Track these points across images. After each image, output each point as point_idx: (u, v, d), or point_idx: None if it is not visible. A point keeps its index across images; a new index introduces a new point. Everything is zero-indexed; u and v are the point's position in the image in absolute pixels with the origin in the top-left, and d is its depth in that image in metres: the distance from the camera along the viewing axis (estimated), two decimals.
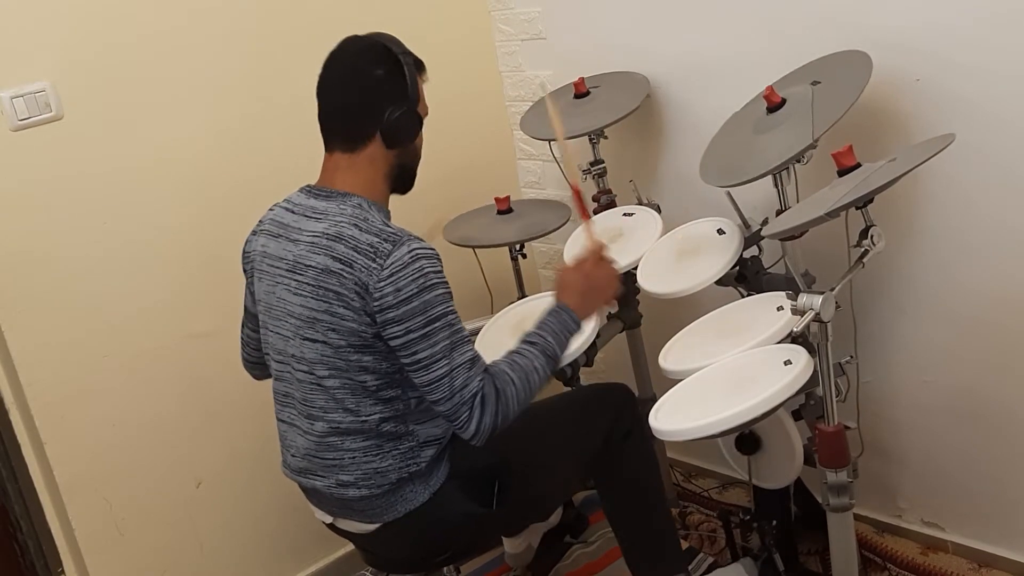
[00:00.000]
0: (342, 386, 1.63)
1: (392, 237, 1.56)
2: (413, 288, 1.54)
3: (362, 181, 1.66)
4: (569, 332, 1.70)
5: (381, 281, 1.53)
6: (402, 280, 1.53)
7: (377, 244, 1.56)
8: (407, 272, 1.54)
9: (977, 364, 1.98)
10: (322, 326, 1.61)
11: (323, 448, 1.69)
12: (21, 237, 1.95)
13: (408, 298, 1.54)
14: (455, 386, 1.55)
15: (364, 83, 1.64)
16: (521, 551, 2.33)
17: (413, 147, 1.72)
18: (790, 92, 1.85)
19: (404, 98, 1.65)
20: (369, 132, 1.64)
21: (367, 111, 1.64)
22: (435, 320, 1.55)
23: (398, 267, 1.54)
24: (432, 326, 1.55)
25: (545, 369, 1.65)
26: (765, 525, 2.05)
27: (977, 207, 1.87)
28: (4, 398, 2.01)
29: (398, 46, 1.66)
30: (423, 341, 1.55)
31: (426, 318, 1.55)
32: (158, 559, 2.20)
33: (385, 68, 1.64)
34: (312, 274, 1.61)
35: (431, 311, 1.55)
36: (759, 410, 1.53)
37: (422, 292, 1.54)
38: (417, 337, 1.55)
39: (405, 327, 1.55)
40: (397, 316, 1.54)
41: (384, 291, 1.53)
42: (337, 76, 1.66)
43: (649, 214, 2.19)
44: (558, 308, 1.71)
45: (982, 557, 2.11)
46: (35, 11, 1.92)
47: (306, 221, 1.66)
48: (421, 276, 1.54)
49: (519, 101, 2.69)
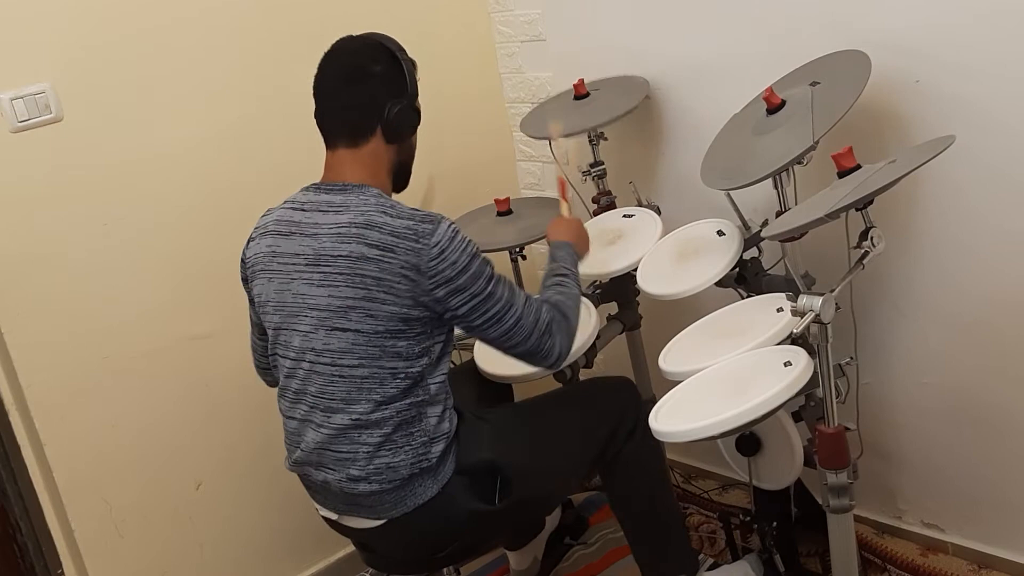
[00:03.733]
0: (371, 375, 1.65)
1: (427, 218, 1.63)
2: (464, 259, 1.62)
3: (370, 174, 1.70)
4: (576, 261, 1.90)
5: (432, 260, 1.60)
6: (453, 254, 1.61)
7: (415, 227, 1.61)
8: (453, 246, 1.62)
9: (976, 366, 1.98)
10: (357, 313, 1.63)
11: (339, 441, 1.69)
12: (21, 238, 1.95)
13: (465, 267, 1.62)
14: (529, 323, 1.68)
15: (364, 79, 1.68)
16: (527, 566, 2.32)
17: (410, 143, 1.77)
18: (789, 93, 1.85)
19: (403, 92, 1.70)
20: (371, 127, 1.69)
21: (369, 106, 1.68)
22: (491, 278, 1.66)
23: (445, 243, 1.61)
24: (491, 284, 1.66)
25: (578, 294, 1.83)
26: (765, 526, 2.05)
27: (977, 209, 1.87)
28: (4, 399, 2.01)
29: (393, 43, 1.72)
30: (490, 299, 1.65)
31: (484, 280, 1.65)
32: (158, 560, 2.20)
33: (383, 64, 1.69)
34: (344, 263, 1.63)
35: (484, 272, 1.65)
36: (759, 411, 1.53)
37: (473, 259, 1.64)
38: (484, 298, 1.65)
39: (470, 292, 1.63)
40: (460, 285, 1.62)
41: (439, 268, 1.60)
42: (336, 74, 1.71)
43: (649, 215, 2.19)
44: (560, 243, 1.90)
45: (982, 558, 2.11)
46: (35, 12, 1.92)
47: (323, 215, 1.67)
48: (466, 245, 1.64)
49: (519, 102, 2.70)
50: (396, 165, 1.74)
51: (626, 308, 2.30)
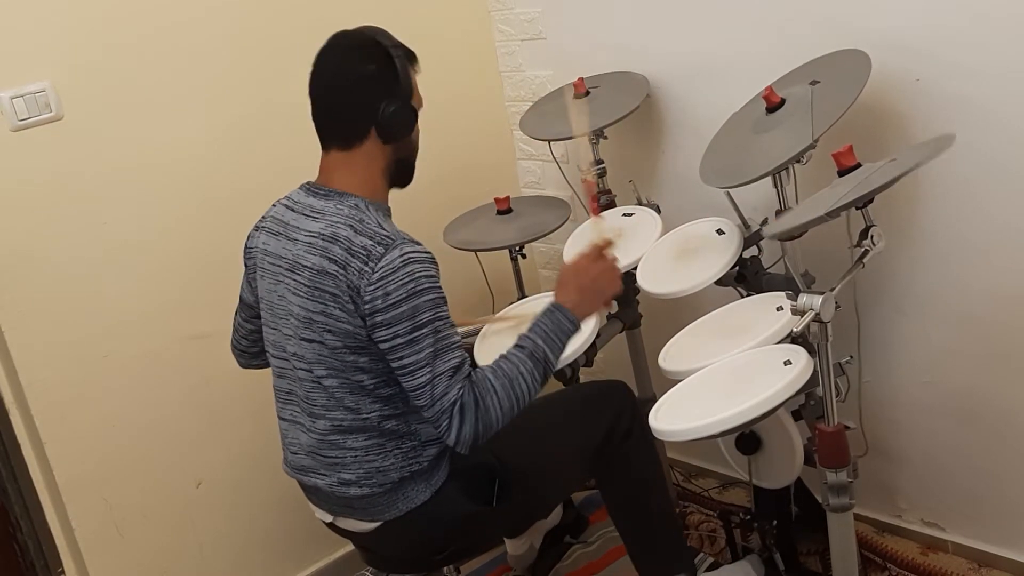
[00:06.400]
0: (340, 385, 1.63)
1: (385, 240, 1.55)
2: (402, 293, 1.53)
3: (360, 179, 1.65)
4: (564, 333, 1.64)
5: (371, 285, 1.53)
6: (391, 284, 1.52)
7: (370, 247, 1.55)
8: (397, 276, 1.53)
9: (977, 364, 1.98)
10: (318, 327, 1.61)
11: (325, 446, 1.69)
12: (21, 237, 1.95)
13: (396, 303, 1.53)
14: (435, 394, 1.54)
15: (356, 80, 1.62)
16: (523, 552, 2.33)
17: (410, 140, 1.70)
18: (789, 92, 1.85)
19: (397, 92, 1.62)
20: (364, 129, 1.63)
21: (361, 108, 1.62)
22: (421, 326, 1.54)
23: (388, 271, 1.53)
24: (418, 332, 1.54)
25: (534, 374, 1.59)
26: (765, 525, 2.05)
27: (977, 207, 1.87)
28: (4, 398, 2.01)
29: (388, 38, 1.64)
30: (408, 347, 1.54)
31: (412, 324, 1.53)
32: (158, 559, 2.20)
33: (376, 63, 1.61)
34: (308, 275, 1.60)
35: (418, 317, 1.54)
36: (759, 410, 1.53)
37: (411, 297, 1.53)
38: (403, 343, 1.54)
39: (392, 331, 1.54)
40: (385, 320, 1.54)
41: (374, 295, 1.53)
42: (329, 74, 1.65)
43: (648, 214, 2.19)
44: (553, 307, 1.65)
45: (982, 557, 2.11)
46: (35, 11, 1.92)
47: (304, 220, 1.65)
48: (411, 280, 1.53)
49: (519, 101, 2.69)
50: (394, 164, 1.68)
51: (626, 307, 2.30)
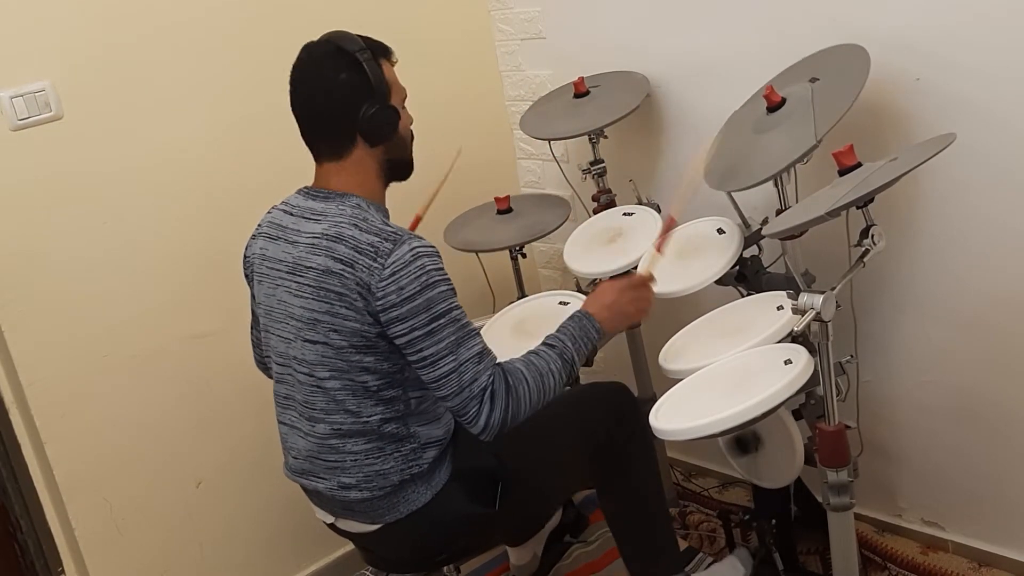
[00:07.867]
0: (343, 387, 1.63)
1: (392, 236, 1.57)
2: (416, 286, 1.54)
3: (356, 183, 1.66)
4: (590, 340, 1.71)
5: (383, 281, 1.54)
6: (404, 279, 1.54)
7: (378, 244, 1.56)
8: (409, 270, 1.54)
9: (977, 364, 1.98)
10: (323, 327, 1.61)
11: (325, 450, 1.69)
12: (21, 237, 1.95)
13: (411, 296, 1.54)
14: (463, 381, 1.56)
15: (329, 92, 1.61)
16: (527, 561, 2.32)
17: (398, 138, 1.69)
18: (789, 91, 1.84)
19: (372, 95, 1.61)
20: (350, 137, 1.63)
21: (341, 119, 1.62)
22: (439, 317, 1.55)
23: (399, 266, 1.54)
24: (436, 323, 1.55)
25: (561, 373, 1.65)
26: (765, 524, 2.05)
27: (977, 207, 1.87)
28: (4, 398, 2.01)
29: (353, 43, 1.62)
30: (428, 338, 1.55)
31: (430, 315, 1.55)
32: (158, 559, 2.20)
33: (346, 71, 1.60)
34: (313, 275, 1.61)
35: (434, 308, 1.55)
36: (759, 409, 1.53)
37: (424, 290, 1.54)
38: (422, 334, 1.55)
39: (409, 325, 1.55)
40: (401, 315, 1.54)
41: (387, 290, 1.54)
42: (304, 93, 1.65)
43: (649, 213, 2.19)
44: (582, 314, 1.73)
45: (982, 556, 2.11)
46: (35, 11, 1.92)
47: (304, 223, 1.65)
48: (423, 274, 1.55)
49: (519, 101, 2.69)
50: (387, 163, 1.68)
51: None
